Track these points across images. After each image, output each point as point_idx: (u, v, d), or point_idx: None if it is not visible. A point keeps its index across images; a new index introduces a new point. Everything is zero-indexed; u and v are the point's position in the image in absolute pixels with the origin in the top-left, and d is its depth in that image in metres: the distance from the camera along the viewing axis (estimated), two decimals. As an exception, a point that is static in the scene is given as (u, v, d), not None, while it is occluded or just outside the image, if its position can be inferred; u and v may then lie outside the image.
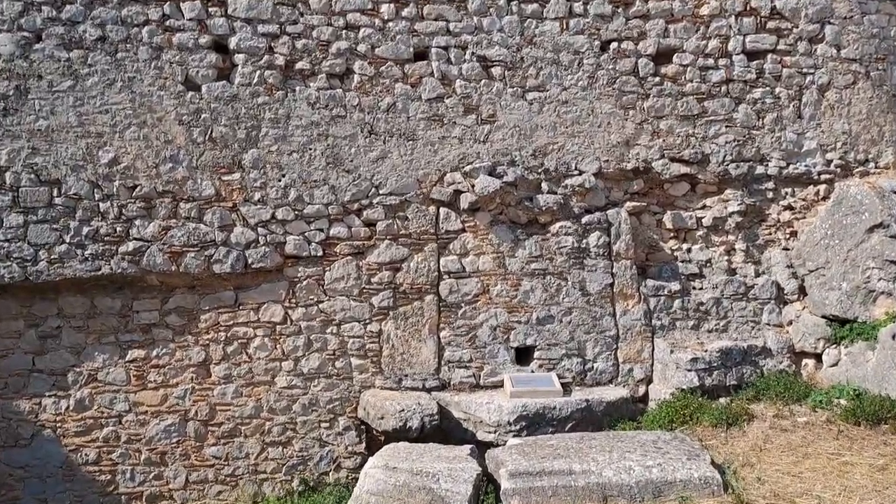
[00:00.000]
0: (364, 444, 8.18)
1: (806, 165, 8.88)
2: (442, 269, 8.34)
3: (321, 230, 8.16)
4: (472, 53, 8.39)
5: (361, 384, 8.22)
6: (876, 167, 8.86)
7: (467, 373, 8.31)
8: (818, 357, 8.26)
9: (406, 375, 8.25)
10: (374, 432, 7.97)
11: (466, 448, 6.92)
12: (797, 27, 8.83)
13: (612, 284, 8.50)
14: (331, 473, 8.14)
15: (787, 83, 8.87)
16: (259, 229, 8.02)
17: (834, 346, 8.08)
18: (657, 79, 8.69)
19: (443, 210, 8.37)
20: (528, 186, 8.52)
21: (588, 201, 8.61)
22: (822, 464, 6.04)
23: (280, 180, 8.09)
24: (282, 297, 8.08)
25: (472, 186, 8.32)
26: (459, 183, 8.35)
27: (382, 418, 7.77)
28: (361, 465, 7.53)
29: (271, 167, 8.08)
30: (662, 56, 8.75)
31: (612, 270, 8.50)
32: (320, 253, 8.15)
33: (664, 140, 8.73)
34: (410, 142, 8.32)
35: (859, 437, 6.54)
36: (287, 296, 8.10)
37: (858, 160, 8.92)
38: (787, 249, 8.80)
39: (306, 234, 8.14)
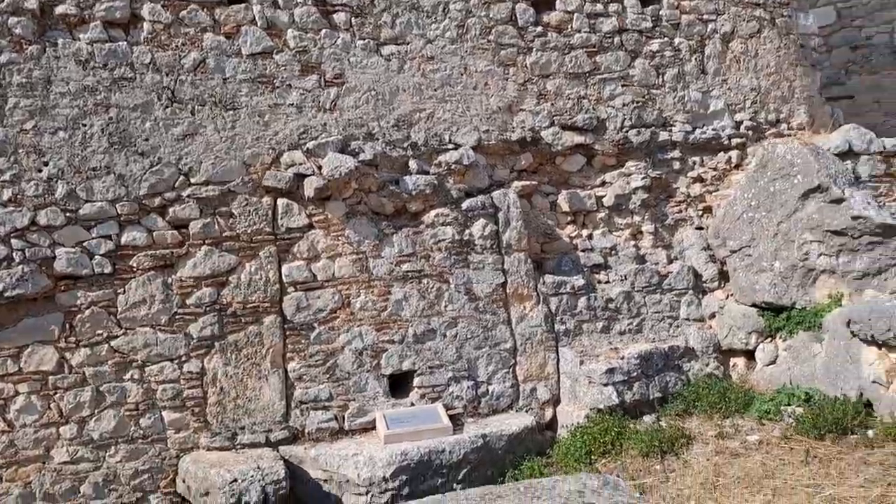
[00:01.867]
0: (189, 528, 5.94)
1: (714, 129, 7.60)
2: (285, 280, 6.27)
3: (108, 237, 5.84)
4: (307, -6, 6.38)
5: (180, 446, 5.98)
6: (788, 128, 7.72)
7: (327, 415, 6.27)
8: (750, 354, 6.94)
9: (243, 428, 6.10)
10: (202, 512, 5.76)
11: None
12: (694, -33, 7.51)
13: (504, 284, 6.78)
14: (143, 573, 5.83)
15: (688, 32, 7.54)
16: (13, 241, 5.59)
17: (769, 339, 6.78)
18: (539, 28, 7.07)
19: (282, 201, 6.29)
20: (392, 166, 6.62)
21: (468, 182, 6.84)
22: (800, 502, 4.55)
23: (41, 170, 5.70)
24: (55, 336, 5.68)
25: (320, 168, 6.31)
26: (301, 164, 6.31)
27: (207, 494, 5.58)
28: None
29: (26, 152, 5.67)
30: (543, 1, 7.14)
31: (504, 266, 6.78)
32: (109, 269, 5.83)
33: (553, 104, 7.13)
34: (230, 112, 6.18)
35: (831, 457, 5.15)
36: (62, 333, 5.71)
37: (770, 121, 7.74)
38: (702, 228, 7.46)
39: (86, 244, 5.79)
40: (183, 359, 6.00)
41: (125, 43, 5.91)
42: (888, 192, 7.39)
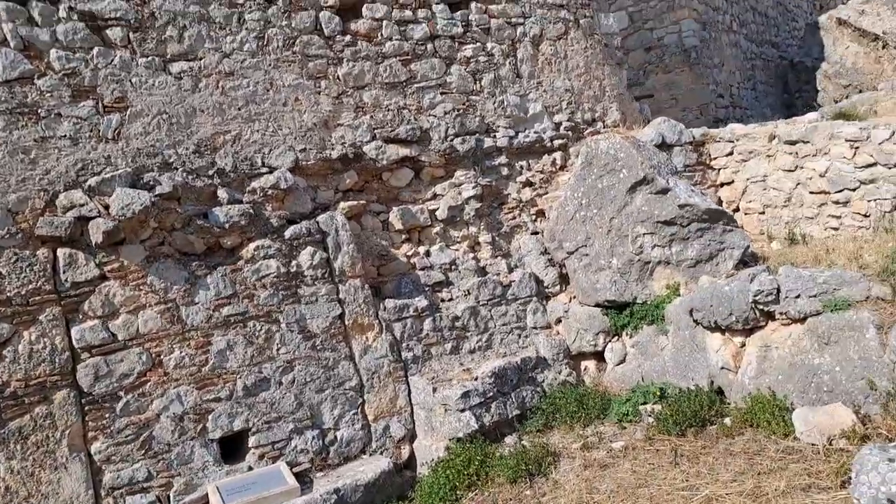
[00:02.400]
0: None
1: (536, 132, 7.47)
2: (77, 345, 5.22)
3: None
4: (71, 8, 5.41)
5: (-44, 571, 4.74)
6: (604, 126, 7.77)
7: (148, 498, 5.28)
8: (600, 356, 6.80)
9: (40, 532, 4.96)
10: None
11: None
12: (497, -30, 7.37)
13: (341, 316, 6.14)
14: None
15: (498, 37, 7.38)
16: None
17: (616, 338, 6.67)
18: (348, 38, 6.56)
19: (63, 252, 5.25)
20: (198, 197, 5.78)
21: (289, 207, 6.15)
22: (681, 505, 4.33)
23: None
24: None
25: (107, 208, 5.35)
26: (83, 205, 5.30)
27: None
28: None
29: None
30: (348, 8, 6.65)
31: (339, 296, 6.15)
32: None
33: (372, 116, 6.64)
34: (-17, 150, 5.06)
35: (697, 453, 5.02)
36: None
37: (586, 120, 7.75)
38: (538, 233, 7.27)
39: None
40: (-52, 461, 4.78)
41: None
42: (702, 179, 7.63)
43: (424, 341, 6.44)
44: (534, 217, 7.31)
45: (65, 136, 5.34)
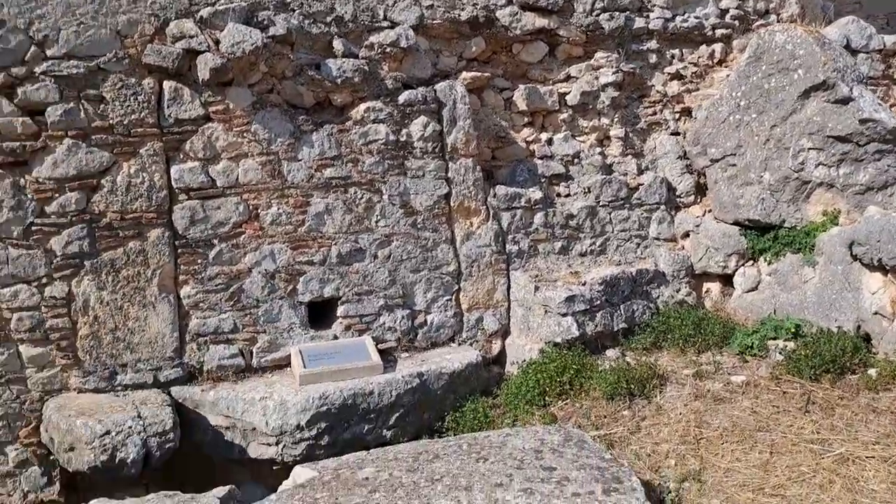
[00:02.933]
0: (58, 488, 4.85)
1: (696, 17, 6.47)
2: (175, 186, 5.02)
3: (-68, 124, 4.48)
4: None
5: (44, 388, 4.81)
6: (778, 19, 6.64)
7: (231, 350, 5.17)
8: (727, 279, 6.06)
9: (124, 365, 4.95)
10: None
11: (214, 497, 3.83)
12: None
13: (447, 196, 5.66)
14: (1, 543, 4.74)
15: None
16: None
17: (750, 263, 5.89)
18: None
19: (169, 85, 4.97)
20: (312, 45, 5.33)
21: (407, 70, 5.61)
22: (807, 463, 3.72)
23: None
24: None
25: (217, 43, 4.98)
26: (193, 37, 4.96)
27: (73, 449, 4.46)
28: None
29: None
30: None
31: (448, 175, 5.65)
32: (-65, 165, 4.50)
33: (512, -23, 5.87)
34: (97, -36, 4.74)
35: (832, 403, 4.34)
36: None
37: (758, 10, 6.66)
38: (678, 134, 6.43)
39: None
40: (43, 281, 4.77)
41: None
42: (885, 95, 6.47)
43: (533, 236, 5.89)
44: (677, 115, 6.45)
45: (181, -42, 4.94)
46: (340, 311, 5.43)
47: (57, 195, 4.76)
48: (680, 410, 4.53)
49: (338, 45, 5.36)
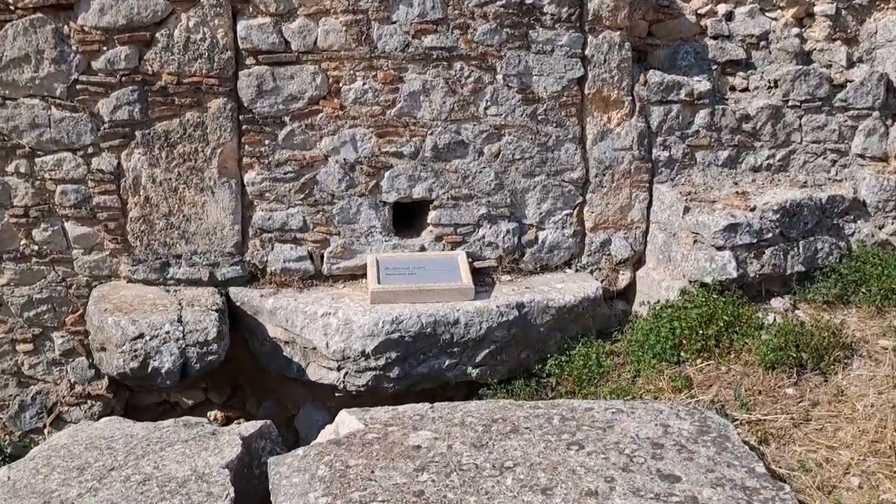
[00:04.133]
0: (107, 383, 4.32)
1: None
2: (242, 46, 4.10)
3: (-40, -48, 3.75)
4: None
5: (91, 272, 4.22)
6: None
7: (298, 252, 4.34)
8: (958, 220, 4.44)
9: (178, 257, 4.26)
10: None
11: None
12: None
13: (581, 81, 4.38)
14: (47, 432, 4.32)
15: None
16: None
17: None
18: None
19: (237, -84, 3.96)
20: None
21: None
22: None
23: None
24: None
25: None
26: None
27: (104, 350, 3.86)
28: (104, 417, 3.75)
29: None
30: None
31: (584, 52, 4.34)
32: (-34, 4, 3.81)
33: None
34: None
35: None
36: None
37: None
38: (914, 15, 4.68)
39: (-75, -41, 3.72)
40: (90, 150, 4.08)
41: None
42: None
43: (690, 140, 4.52)
44: (917, -12, 4.67)
45: None
46: (432, 216, 4.41)
47: (105, 48, 3.98)
48: (871, 399, 3.21)
49: None
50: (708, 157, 4.55)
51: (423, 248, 4.40)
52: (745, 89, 4.60)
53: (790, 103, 4.54)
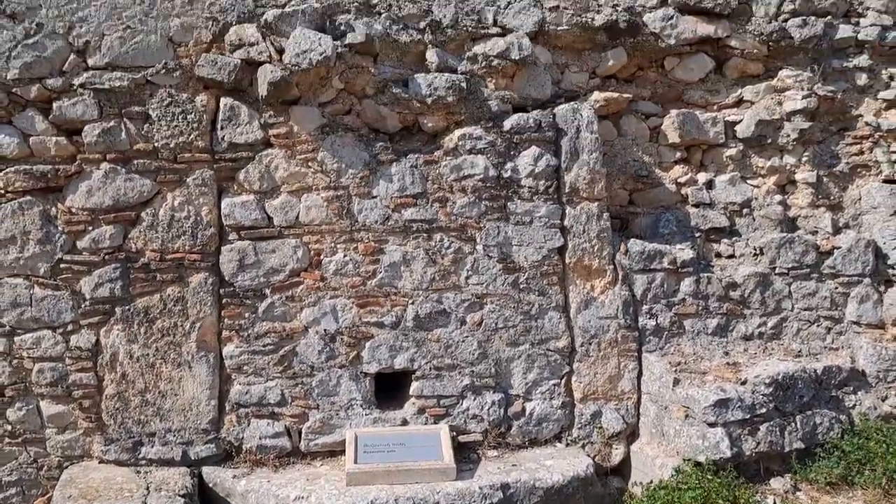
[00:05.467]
0: (68, 571, 4.09)
1: (930, 24, 4.73)
2: (225, 222, 4.17)
3: (-42, 141, 3.93)
4: None
5: (63, 452, 4.10)
6: None
7: (275, 427, 4.20)
8: (964, 392, 4.25)
9: (152, 435, 4.13)
10: (70, 558, 3.86)
11: None
12: None
13: (561, 250, 4.38)
14: None
15: None
16: None
17: None
18: None
19: (225, 102, 4.14)
20: (400, 56, 4.30)
21: (519, 88, 4.42)
22: None
23: None
24: None
25: (280, 53, 4.08)
26: (254, 45, 4.09)
27: (60, 544, 3.67)
28: None
29: None
30: None
31: (564, 223, 4.36)
32: (-41, 189, 3.95)
33: (666, -29, 4.52)
34: (149, -41, 4.02)
35: None
36: None
37: None
38: (894, 182, 4.70)
39: (-76, 149, 3.89)
40: (69, 328, 4.07)
41: None
42: None
43: (677, 308, 4.44)
44: (894, 157, 4.71)
45: (248, -49, 4.11)
46: (414, 388, 4.29)
47: (90, 228, 4.05)
48: None
49: (432, 55, 4.28)
50: (697, 326, 4.45)
51: (405, 422, 4.25)
52: (732, 256, 4.57)
53: (777, 270, 4.49)
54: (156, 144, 4.08)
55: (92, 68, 4.01)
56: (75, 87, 3.99)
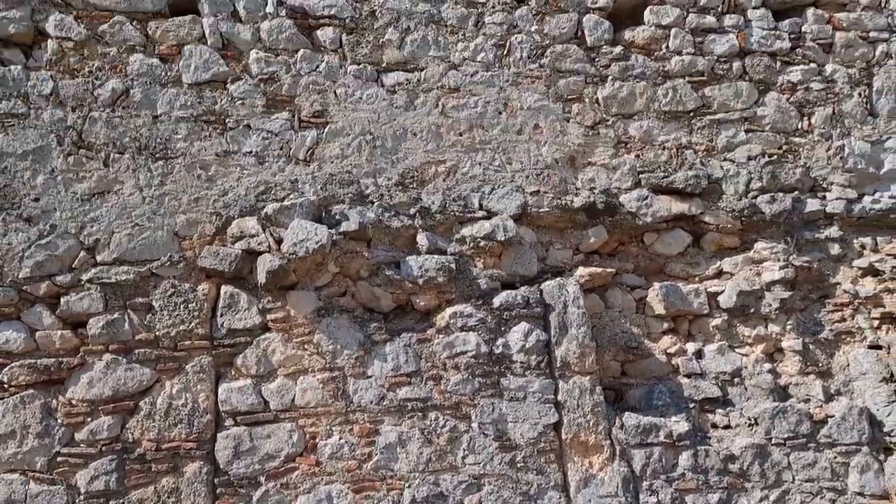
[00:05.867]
0: None
1: (893, 196, 5.02)
2: (222, 408, 4.22)
3: (-34, 337, 4.07)
4: (280, 3, 4.56)
5: None
6: None
7: None
8: (981, 568, 4.10)
9: None
10: None
11: None
12: (849, -35, 5.16)
13: (557, 426, 4.39)
14: None
15: (846, 57, 5.13)
16: None
17: None
18: (618, 49, 4.91)
19: (225, 290, 4.32)
20: (392, 241, 4.54)
21: (506, 267, 4.63)
22: None
23: None
24: None
25: (278, 242, 4.31)
26: (255, 236, 4.34)
27: None
28: None
29: None
30: (625, 14, 5.00)
31: (558, 398, 4.41)
32: (-37, 384, 4.03)
33: (639, 155, 4.87)
34: (160, 162, 4.35)
35: None
36: None
37: (984, 184, 5.08)
38: (880, 348, 4.79)
39: (-69, 345, 4.02)
40: (60, 523, 4.00)
41: (20, 67, 4.26)
42: None
43: (677, 484, 4.38)
44: (876, 323, 4.84)
45: (251, 152, 4.46)
46: (412, 578, 4.16)
47: (89, 419, 4.08)
48: None
49: (422, 239, 4.52)
50: (699, 501, 4.36)
51: None
52: (727, 426, 4.57)
53: (774, 441, 4.47)
54: (157, 334, 4.21)
55: (100, 264, 4.22)
56: (83, 283, 4.18)
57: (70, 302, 4.16)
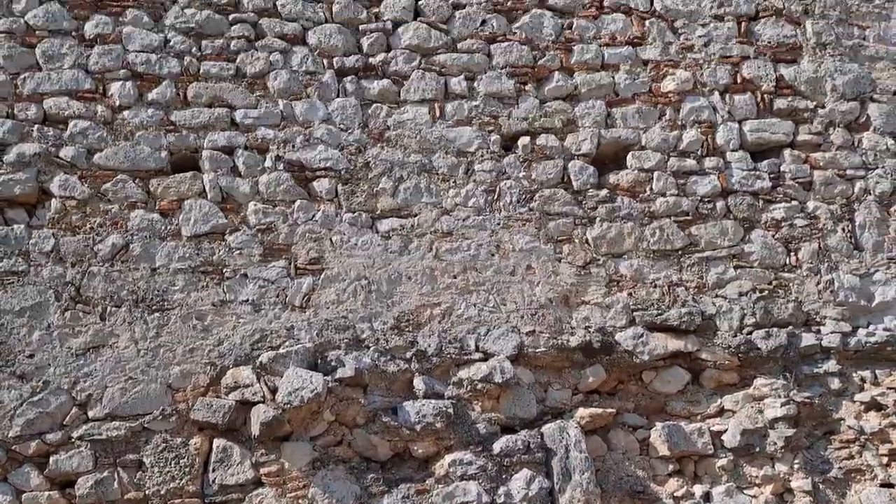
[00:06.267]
0: None
1: (888, 329, 5.05)
2: (211, 572, 4.02)
3: (-53, 501, 3.93)
4: (278, 157, 4.76)
5: None
6: None
7: None
8: None
9: None
10: None
11: None
12: (823, 107, 5.44)
13: (563, 582, 4.18)
14: None
15: (826, 194, 5.30)
16: None
17: None
18: (604, 192, 5.06)
19: (218, 443, 4.23)
20: (388, 386, 4.50)
21: (505, 409, 4.57)
22: None
23: None
24: None
25: (273, 392, 4.27)
26: (249, 386, 4.30)
27: None
28: None
29: None
30: (608, 159, 5.21)
31: (562, 550, 4.23)
32: (-61, 552, 3.86)
33: (631, 294, 4.92)
34: (156, 314, 4.38)
35: None
36: None
37: (975, 308, 5.12)
38: (892, 486, 4.64)
39: (-88, 511, 3.88)
40: None
41: (24, 226, 4.37)
42: None
43: None
44: (885, 459, 4.72)
45: (247, 300, 4.50)
46: None
47: (69, 587, 3.89)
48: None
49: (419, 383, 4.48)
50: None
51: None
52: (742, 576, 4.35)
53: (793, 590, 4.24)
54: (147, 492, 4.08)
55: (92, 420, 4.15)
56: (73, 440, 4.09)
57: (59, 461, 4.07)
